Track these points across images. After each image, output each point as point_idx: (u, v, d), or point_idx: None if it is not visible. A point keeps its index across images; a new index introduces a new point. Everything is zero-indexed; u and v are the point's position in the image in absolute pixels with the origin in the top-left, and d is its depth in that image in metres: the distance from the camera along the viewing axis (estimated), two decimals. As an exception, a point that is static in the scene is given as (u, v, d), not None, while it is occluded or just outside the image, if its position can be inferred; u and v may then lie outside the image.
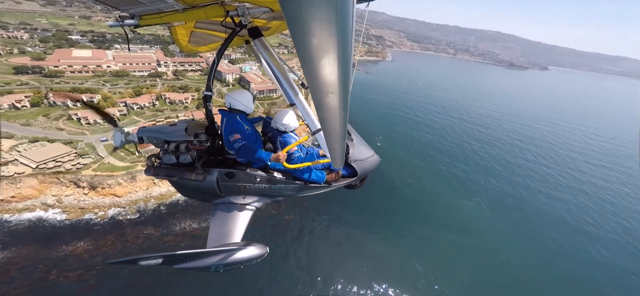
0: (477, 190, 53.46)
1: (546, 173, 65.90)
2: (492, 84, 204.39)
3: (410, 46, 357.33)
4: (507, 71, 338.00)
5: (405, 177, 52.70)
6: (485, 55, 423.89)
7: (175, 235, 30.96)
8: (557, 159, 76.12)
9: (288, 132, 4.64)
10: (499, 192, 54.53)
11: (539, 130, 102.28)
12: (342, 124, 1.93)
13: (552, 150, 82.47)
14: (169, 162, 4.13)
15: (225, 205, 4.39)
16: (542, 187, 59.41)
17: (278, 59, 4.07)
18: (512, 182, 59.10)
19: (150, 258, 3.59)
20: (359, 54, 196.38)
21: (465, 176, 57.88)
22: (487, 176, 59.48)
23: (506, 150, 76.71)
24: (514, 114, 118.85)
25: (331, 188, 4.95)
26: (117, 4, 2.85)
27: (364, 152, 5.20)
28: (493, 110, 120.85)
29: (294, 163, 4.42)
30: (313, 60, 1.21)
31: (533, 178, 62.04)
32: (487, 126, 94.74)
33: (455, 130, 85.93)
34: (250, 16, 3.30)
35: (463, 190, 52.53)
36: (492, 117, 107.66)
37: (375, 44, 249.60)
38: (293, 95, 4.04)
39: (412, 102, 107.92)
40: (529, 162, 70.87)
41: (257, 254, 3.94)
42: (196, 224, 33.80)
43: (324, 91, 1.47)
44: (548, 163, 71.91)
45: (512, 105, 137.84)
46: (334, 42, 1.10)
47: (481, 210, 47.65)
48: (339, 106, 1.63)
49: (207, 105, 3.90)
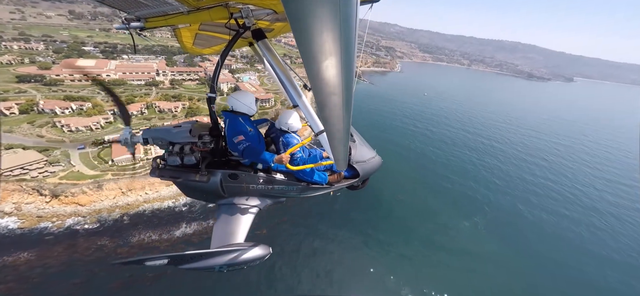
0: (475, 207, 49.48)
1: (555, 191, 60.36)
2: (504, 95, 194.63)
3: (422, 57, 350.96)
4: (525, 82, 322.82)
5: (396, 190, 49.82)
6: (502, 66, 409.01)
7: (131, 247, 30.14)
8: (569, 176, 69.95)
9: (290, 132, 4.74)
10: (499, 210, 50.25)
11: (552, 143, 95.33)
12: (345, 126, 1.94)
13: (562, 165, 76.11)
14: (173, 163, 4.19)
15: (229, 206, 4.43)
16: (550, 205, 54.26)
17: (281, 60, 4.01)
18: (513, 198, 54.42)
19: (156, 258, 3.54)
20: (366, 65, 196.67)
21: (461, 190, 53.96)
22: (486, 192, 55.20)
23: (509, 162, 71.49)
24: (524, 126, 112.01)
25: (333, 189, 4.99)
26: (123, 6, 2.93)
27: (366, 153, 5.25)
28: (500, 120, 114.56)
29: (296, 165, 4.44)
30: (316, 61, 1.21)
31: (538, 195, 56.92)
32: (490, 137, 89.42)
33: (455, 141, 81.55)
34: (253, 18, 3.31)
35: (458, 206, 48.80)
36: (498, 128, 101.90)
37: (384, 54, 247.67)
38: (296, 96, 4.00)
39: (415, 113, 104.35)
40: (535, 177, 65.43)
41: (260, 255, 3.97)
42: (156, 236, 32.98)
43: (327, 92, 1.46)
44: (557, 179, 66.08)
45: (522, 116, 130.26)
46: (337, 43, 1.11)
47: (478, 231, 43.78)
48: (342, 107, 1.64)
49: (211, 107, 3.98)
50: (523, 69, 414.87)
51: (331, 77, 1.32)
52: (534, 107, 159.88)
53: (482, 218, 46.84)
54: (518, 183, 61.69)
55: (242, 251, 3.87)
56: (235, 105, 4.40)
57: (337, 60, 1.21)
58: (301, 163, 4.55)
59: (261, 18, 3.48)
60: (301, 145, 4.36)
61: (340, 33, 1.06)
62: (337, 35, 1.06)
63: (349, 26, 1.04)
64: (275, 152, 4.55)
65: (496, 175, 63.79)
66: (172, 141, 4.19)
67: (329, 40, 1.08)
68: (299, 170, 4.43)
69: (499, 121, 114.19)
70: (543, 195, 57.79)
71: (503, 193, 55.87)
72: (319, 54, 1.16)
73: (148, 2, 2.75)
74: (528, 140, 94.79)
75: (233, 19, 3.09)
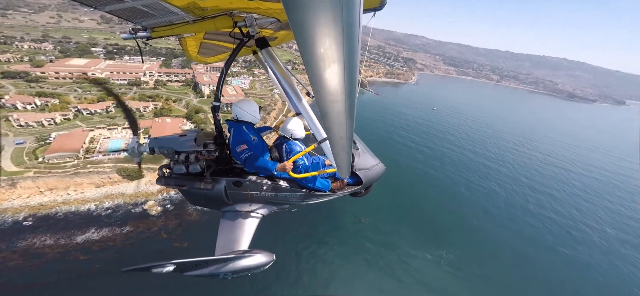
0: (447, 238, 41.99)
1: (560, 225, 49.71)
2: (533, 116, 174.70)
3: (445, 70, 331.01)
4: (563, 103, 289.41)
5: (361, 212, 44.18)
6: (538, 84, 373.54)
7: (13, 252, 28.67)
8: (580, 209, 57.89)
9: (293, 140, 4.81)
10: (476, 241, 42.19)
11: (574, 175, 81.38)
12: (348, 133, 1.92)
13: (577, 202, 63.63)
14: (179, 171, 4.27)
15: (233, 213, 4.55)
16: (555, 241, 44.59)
17: (284, 68, 4.13)
18: (506, 231, 45.54)
19: (163, 265, 3.59)
20: (377, 75, 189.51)
21: (436, 217, 46.43)
22: (468, 220, 47.09)
23: (513, 190, 61.16)
24: (538, 150, 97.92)
25: (336, 196, 5.04)
26: (130, 17, 2.97)
27: (369, 160, 5.27)
28: (516, 142, 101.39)
29: (299, 172, 4.51)
30: (319, 69, 1.23)
31: (536, 228, 47.22)
32: (496, 160, 78.49)
33: (455, 161, 72.56)
34: (257, 27, 3.37)
35: (429, 236, 41.79)
36: (511, 151, 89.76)
37: (399, 65, 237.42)
38: (299, 104, 4.13)
39: (413, 127, 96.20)
40: (542, 208, 54.89)
41: (264, 261, 4.06)
42: (53, 241, 31.22)
43: (329, 100, 1.47)
44: (563, 209, 54.77)
45: (548, 139, 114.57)
46: (340, 51, 1.12)
47: (441, 267, 36.72)
48: (345, 115, 1.64)
49: (216, 116, 4.03)
50: (564, 87, 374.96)
51: (334, 84, 1.33)
52: (559, 130, 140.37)
53: (451, 252, 39.27)
54: (515, 214, 52.08)
55: (246, 258, 3.98)
56: (239, 114, 4.52)
57: (340, 68, 1.21)
58: (304, 171, 4.60)
59: (265, 27, 3.55)
60: (304, 152, 4.35)
61: (343, 41, 1.06)
62: (340, 43, 1.07)
63: (351, 34, 1.05)
64: (278, 159, 4.71)
65: (488, 201, 54.64)
66: (178, 150, 4.27)
67: (332, 48, 1.09)
68: (302, 178, 4.50)
69: (509, 142, 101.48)
70: (546, 237, 47.76)
71: (492, 225, 47.13)
72: (322, 62, 1.17)
73: (154, 12, 2.83)
74: (544, 167, 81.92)
75: (237, 28, 3.20)
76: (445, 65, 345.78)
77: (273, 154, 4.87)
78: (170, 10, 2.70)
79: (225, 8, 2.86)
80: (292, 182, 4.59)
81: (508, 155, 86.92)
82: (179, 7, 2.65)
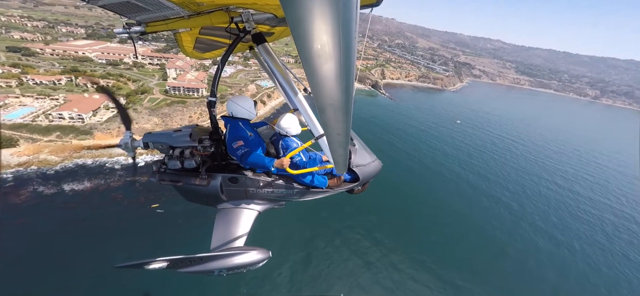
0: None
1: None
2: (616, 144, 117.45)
3: (514, 79, 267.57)
4: None
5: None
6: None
7: None
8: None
9: (290, 136, 4.69)
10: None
11: None
12: (345, 130, 1.87)
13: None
14: (173, 167, 4.19)
15: (229, 210, 4.53)
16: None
17: (281, 64, 4.05)
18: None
19: (157, 261, 3.51)
20: (406, 77, 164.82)
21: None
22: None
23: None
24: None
25: (333, 192, 5.01)
26: (124, 11, 2.94)
27: (366, 157, 5.25)
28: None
29: (296, 169, 4.40)
30: (316, 65, 1.20)
31: None
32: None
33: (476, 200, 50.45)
34: (254, 22, 3.35)
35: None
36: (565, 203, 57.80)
37: (441, 69, 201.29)
38: (296, 100, 3.91)
39: (416, 143, 76.63)
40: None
41: (259, 258, 4.05)
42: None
43: (326, 96, 1.43)
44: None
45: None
46: (337, 47, 1.11)
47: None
48: (342, 111, 1.60)
49: (211, 111, 3.96)
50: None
51: (331, 80, 1.30)
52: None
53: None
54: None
55: (242, 255, 3.96)
56: (235, 110, 4.43)
57: (337, 64, 1.19)
58: (301, 167, 4.46)
59: (261, 22, 3.59)
60: (301, 148, 4.27)
61: (340, 37, 1.05)
62: (337, 39, 1.06)
63: (349, 30, 1.04)
64: (275, 156, 4.68)
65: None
66: (173, 145, 4.21)
67: (328, 44, 1.08)
68: (298, 174, 4.43)
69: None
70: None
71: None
72: (319, 58, 1.16)
73: (149, 7, 2.79)
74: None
75: (233, 23, 3.17)
76: (515, 74, 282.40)
77: (270, 150, 4.89)
78: (165, 5, 2.68)
79: (221, 3, 2.83)
80: (289, 178, 4.60)
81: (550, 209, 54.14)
82: (174, 2, 2.63)
